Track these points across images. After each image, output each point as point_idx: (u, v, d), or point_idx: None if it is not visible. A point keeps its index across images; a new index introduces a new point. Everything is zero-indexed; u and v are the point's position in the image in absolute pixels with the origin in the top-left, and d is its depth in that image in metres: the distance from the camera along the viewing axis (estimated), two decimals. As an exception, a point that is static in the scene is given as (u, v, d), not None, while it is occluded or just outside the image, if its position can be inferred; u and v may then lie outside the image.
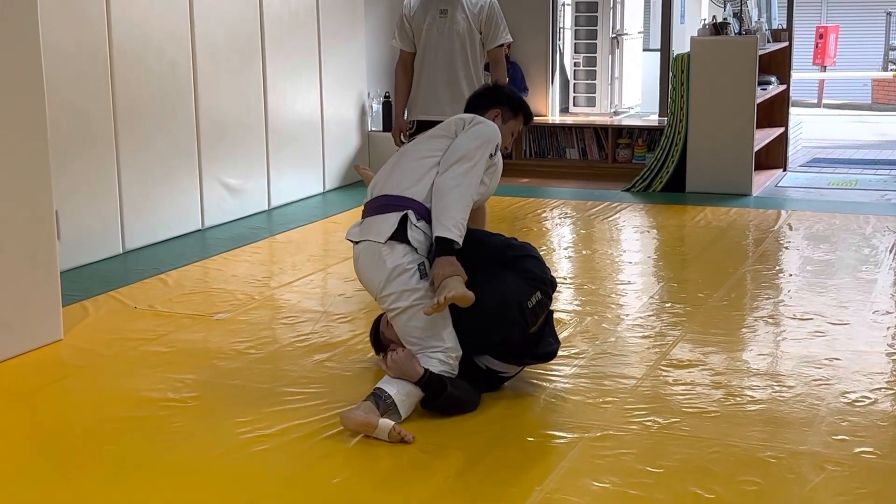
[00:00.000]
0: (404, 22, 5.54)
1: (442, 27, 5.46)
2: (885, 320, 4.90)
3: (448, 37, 5.44)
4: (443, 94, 5.49)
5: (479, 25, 5.46)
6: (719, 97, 8.02)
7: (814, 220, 7.12)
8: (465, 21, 5.45)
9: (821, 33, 15.73)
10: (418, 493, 3.20)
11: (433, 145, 3.95)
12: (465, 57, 5.46)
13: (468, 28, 5.45)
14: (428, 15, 5.46)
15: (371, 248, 3.81)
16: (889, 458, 3.41)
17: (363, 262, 3.85)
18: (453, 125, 3.98)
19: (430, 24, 5.45)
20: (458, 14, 5.44)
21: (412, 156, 3.96)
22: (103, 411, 3.92)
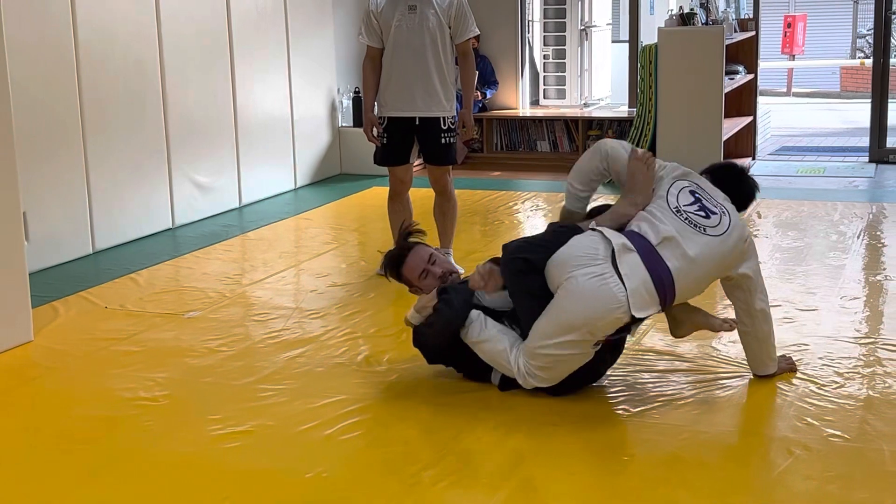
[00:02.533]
0: (371, 18, 5.45)
1: (411, 23, 5.36)
2: (853, 306, 4.95)
3: (418, 33, 5.36)
4: (415, 90, 5.41)
5: (449, 20, 5.39)
6: (687, 87, 8.06)
7: (782, 208, 7.17)
8: (435, 16, 5.37)
9: (789, 22, 15.81)
10: (391, 486, 3.21)
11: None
12: (435, 52, 5.39)
13: (438, 23, 5.37)
14: (397, 11, 5.37)
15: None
16: (856, 440, 3.45)
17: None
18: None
19: (400, 21, 5.36)
20: (427, 10, 5.36)
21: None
22: (75, 411, 3.91)
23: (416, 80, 5.39)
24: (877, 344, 4.38)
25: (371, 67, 5.54)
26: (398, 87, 5.43)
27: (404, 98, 5.42)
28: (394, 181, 5.65)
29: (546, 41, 10.52)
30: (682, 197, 3.75)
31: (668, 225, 3.63)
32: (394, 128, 5.50)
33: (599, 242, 3.62)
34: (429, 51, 5.37)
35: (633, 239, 3.63)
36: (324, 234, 6.91)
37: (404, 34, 5.37)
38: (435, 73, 5.40)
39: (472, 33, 5.48)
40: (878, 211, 7.02)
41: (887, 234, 6.44)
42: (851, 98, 14.83)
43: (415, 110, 5.45)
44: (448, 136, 5.50)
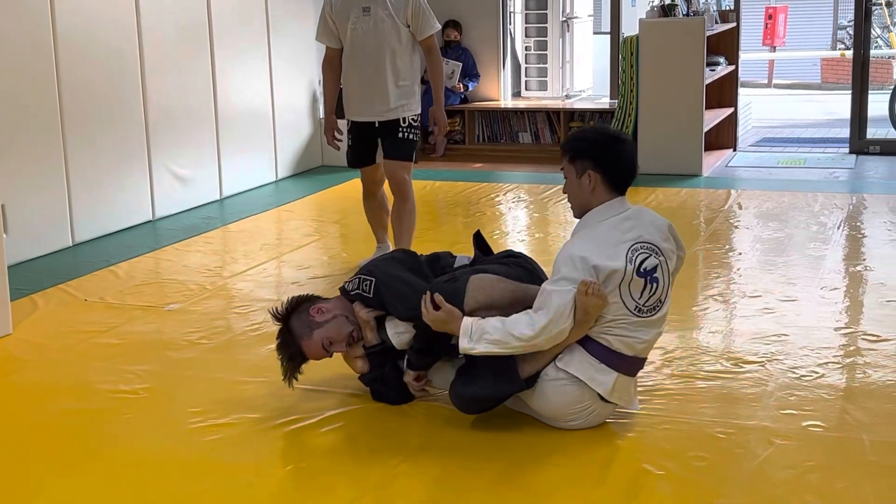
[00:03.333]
0: (327, 19, 5.28)
1: (366, 26, 5.19)
2: (833, 296, 4.97)
3: (372, 35, 5.19)
4: (372, 95, 5.26)
5: (406, 19, 5.20)
6: (668, 79, 8.06)
7: (763, 199, 7.19)
8: (390, 17, 5.17)
9: (770, 14, 15.83)
10: (372, 478, 3.21)
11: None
12: (392, 55, 5.21)
13: (393, 24, 5.18)
14: (351, 14, 5.19)
15: None
16: (836, 430, 3.47)
17: None
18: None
19: (354, 24, 5.19)
20: (381, 11, 5.16)
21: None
22: (54, 404, 3.89)
23: (373, 85, 5.25)
24: (856, 334, 4.40)
25: (330, 69, 5.41)
26: (356, 91, 5.32)
27: (363, 102, 5.31)
28: (365, 181, 5.58)
29: (528, 33, 10.51)
30: (634, 289, 3.34)
31: (638, 332, 3.38)
32: (358, 131, 5.42)
33: (584, 388, 3.37)
34: (385, 54, 5.20)
35: (609, 360, 3.37)
36: (305, 226, 6.90)
37: (359, 37, 5.21)
38: (391, 76, 5.23)
39: (432, 29, 5.30)
40: (858, 202, 7.05)
41: (867, 225, 6.46)
42: (832, 89, 14.88)
43: (373, 115, 5.32)
44: (407, 132, 5.35)
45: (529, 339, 3.26)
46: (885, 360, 4.07)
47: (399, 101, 5.29)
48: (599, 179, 3.45)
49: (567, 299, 3.25)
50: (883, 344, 4.25)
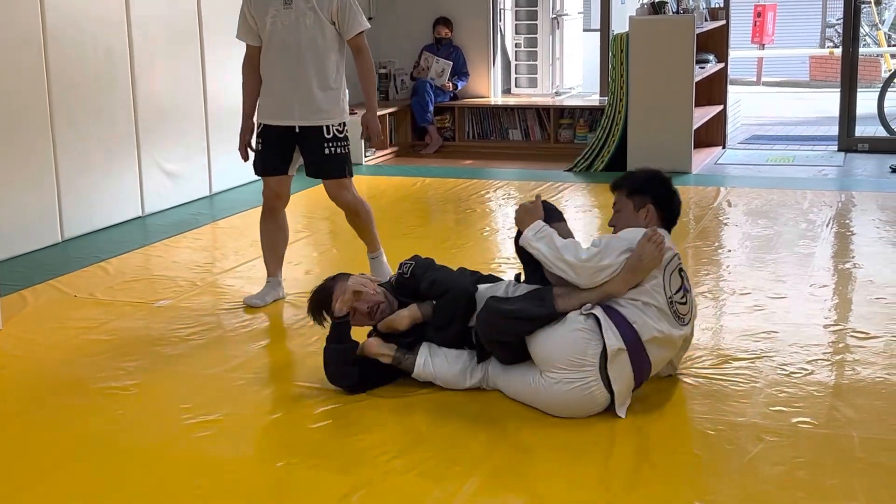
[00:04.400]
0: (246, 13, 4.80)
1: (287, 20, 4.69)
2: (822, 293, 4.99)
3: (293, 31, 4.70)
4: (292, 97, 4.75)
5: (331, 16, 4.71)
6: (658, 76, 8.07)
7: (752, 197, 7.21)
8: (313, 12, 4.68)
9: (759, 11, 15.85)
10: (363, 474, 3.21)
11: None
12: (315, 53, 4.73)
13: (316, 20, 4.69)
14: (270, 7, 4.71)
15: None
16: (825, 427, 3.48)
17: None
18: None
19: (274, 17, 4.71)
20: (303, 4, 4.69)
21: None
22: (44, 400, 3.89)
23: (293, 86, 4.74)
24: (845, 331, 4.42)
25: (250, 68, 4.88)
26: (274, 92, 4.80)
27: (280, 105, 4.78)
28: (267, 193, 4.96)
29: (518, 30, 10.52)
30: (674, 282, 3.63)
31: (660, 323, 3.55)
32: (271, 135, 4.85)
33: (590, 342, 3.47)
34: (307, 52, 4.72)
35: (625, 332, 3.49)
36: (295, 222, 6.86)
37: (279, 32, 4.72)
38: (315, 77, 4.73)
39: (360, 27, 4.79)
40: (846, 199, 7.07)
41: (856, 223, 6.49)
42: (821, 87, 14.91)
43: (291, 119, 4.78)
44: (334, 146, 4.82)
45: (579, 261, 3.54)
46: (873, 357, 4.09)
47: (323, 106, 4.76)
48: (655, 214, 3.79)
49: (621, 248, 3.56)
50: (872, 341, 4.27)
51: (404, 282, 3.93)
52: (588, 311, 3.52)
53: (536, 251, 3.64)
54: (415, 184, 7.96)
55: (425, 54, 9.65)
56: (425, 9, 9.77)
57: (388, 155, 9.27)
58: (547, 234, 3.63)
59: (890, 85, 10.09)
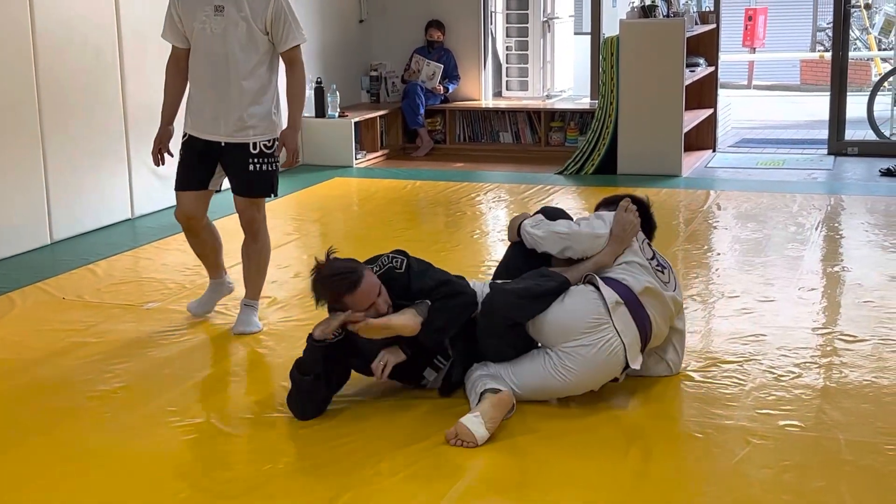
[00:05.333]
0: (173, 12, 4.46)
1: (216, 27, 4.35)
2: (811, 297, 5.00)
3: (222, 39, 4.35)
4: (217, 110, 4.42)
5: (265, 25, 4.37)
6: (649, 79, 8.08)
7: (742, 200, 7.22)
8: (245, 21, 4.34)
9: (750, 15, 15.88)
10: (351, 477, 3.21)
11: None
12: (245, 65, 4.37)
13: (249, 30, 4.35)
14: (200, 11, 4.37)
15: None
16: (812, 430, 3.49)
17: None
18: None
19: (203, 23, 4.37)
20: (236, 12, 4.34)
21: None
22: (32, 403, 3.88)
23: (220, 99, 4.40)
24: (833, 334, 4.43)
25: (174, 71, 4.56)
26: (199, 103, 4.47)
27: (206, 118, 4.45)
28: (179, 214, 4.64)
29: (509, 33, 10.52)
30: (646, 250, 3.89)
31: (646, 276, 3.75)
32: (193, 146, 4.54)
33: (597, 302, 3.62)
34: (236, 63, 4.37)
35: (619, 289, 3.67)
36: (285, 224, 6.88)
37: (207, 39, 4.38)
38: (244, 90, 4.39)
39: (297, 40, 4.46)
40: (836, 203, 7.09)
41: (845, 226, 6.50)
42: (811, 91, 14.94)
43: (216, 134, 4.45)
44: (259, 163, 4.50)
45: (576, 231, 3.81)
46: (861, 361, 4.10)
47: (251, 122, 4.43)
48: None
49: (601, 222, 3.84)
50: (859, 344, 4.28)
51: (395, 276, 3.72)
52: (590, 282, 3.72)
53: (535, 236, 3.86)
54: (405, 186, 7.96)
55: (416, 57, 9.66)
56: (417, 11, 9.77)
57: (379, 157, 9.27)
58: (539, 219, 3.91)
59: (880, 89, 10.12)
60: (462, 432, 3.38)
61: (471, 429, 3.38)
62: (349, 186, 8.16)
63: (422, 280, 3.71)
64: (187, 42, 4.48)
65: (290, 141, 4.53)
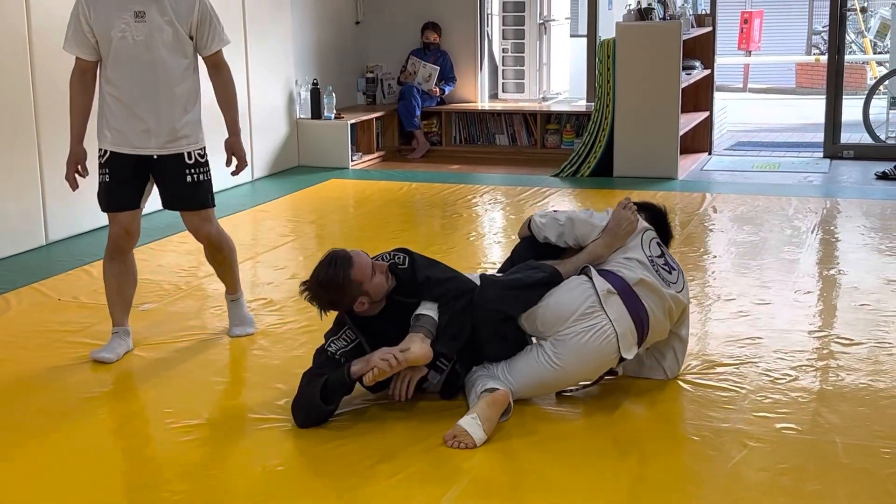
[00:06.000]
0: (81, 22, 4.16)
1: (139, 35, 4.10)
2: (807, 300, 5.00)
3: (147, 48, 4.11)
4: (147, 121, 4.17)
5: (190, 29, 4.18)
6: (645, 82, 8.09)
7: (738, 203, 7.23)
8: (171, 26, 4.13)
9: (745, 18, 15.91)
10: (346, 479, 3.21)
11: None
12: (174, 72, 4.18)
13: (175, 35, 4.15)
14: (118, 19, 4.10)
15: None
16: (809, 433, 3.49)
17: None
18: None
19: (123, 31, 4.09)
20: (159, 17, 4.12)
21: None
22: (27, 405, 3.87)
23: (149, 109, 4.17)
24: (830, 337, 4.43)
25: (81, 87, 4.27)
26: (125, 117, 4.19)
27: (134, 131, 4.19)
28: (116, 231, 4.34)
29: (505, 35, 10.52)
30: (653, 248, 3.89)
31: (643, 272, 3.74)
32: (121, 164, 4.26)
33: (590, 290, 3.65)
34: (164, 70, 4.16)
35: (612, 280, 3.69)
36: (281, 226, 6.88)
37: (129, 48, 4.11)
38: (174, 98, 4.21)
39: (222, 43, 4.30)
40: (831, 206, 7.10)
41: (841, 229, 6.51)
42: (806, 94, 14.97)
43: (148, 147, 4.21)
44: (197, 173, 4.33)
45: (577, 219, 3.90)
46: (857, 364, 4.10)
47: (185, 131, 4.26)
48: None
49: (603, 215, 3.91)
50: (856, 347, 4.29)
51: (398, 271, 3.70)
52: (583, 273, 3.76)
53: (538, 224, 3.95)
54: (401, 188, 7.96)
55: (412, 59, 9.66)
56: (413, 13, 9.77)
57: (375, 159, 9.27)
58: (548, 212, 4.02)
59: (875, 92, 10.14)
60: (460, 434, 3.39)
61: (468, 430, 3.38)
62: (345, 188, 8.15)
63: (429, 270, 3.70)
64: (97, 53, 4.20)
65: (237, 148, 4.43)
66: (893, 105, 9.88)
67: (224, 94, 4.38)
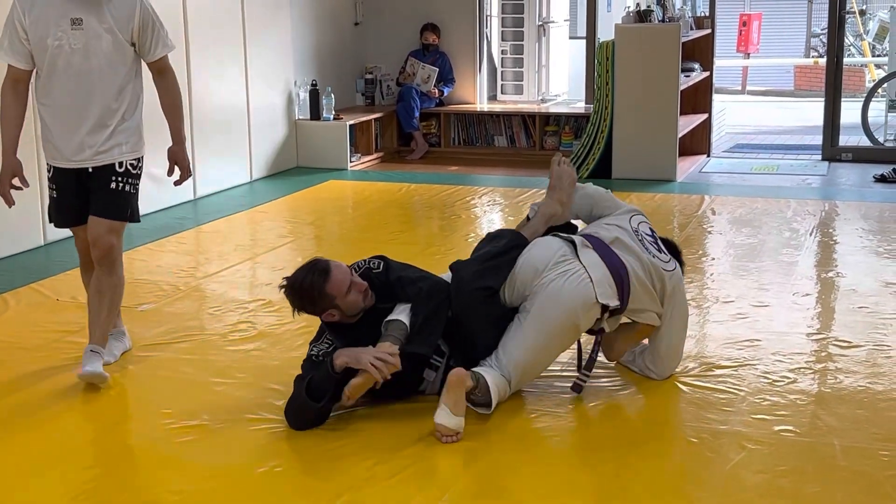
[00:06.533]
0: (17, 28, 3.93)
1: (76, 43, 3.89)
2: (805, 302, 5.01)
3: (85, 56, 3.91)
4: (83, 133, 3.97)
5: (131, 36, 3.99)
6: (644, 84, 8.09)
7: (736, 205, 7.23)
8: (111, 34, 3.94)
9: (744, 21, 15.93)
10: (345, 481, 3.21)
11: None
12: (112, 82, 3.98)
13: (115, 43, 3.95)
14: (54, 26, 3.90)
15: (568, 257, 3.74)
16: (807, 435, 3.49)
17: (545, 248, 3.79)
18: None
19: (60, 39, 3.90)
20: (98, 24, 3.92)
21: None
22: (25, 404, 3.86)
23: (84, 120, 3.97)
24: (828, 340, 4.43)
25: (14, 95, 4.03)
26: (60, 129, 4.00)
27: (71, 145, 3.99)
28: (79, 246, 4.24)
29: (504, 36, 10.53)
30: (641, 226, 3.96)
31: (619, 232, 3.84)
32: (62, 178, 4.10)
33: (564, 244, 3.77)
34: (102, 80, 3.96)
35: (588, 238, 3.79)
36: (279, 227, 6.88)
37: (65, 57, 3.91)
38: (112, 109, 4.01)
39: (167, 48, 4.13)
40: (830, 208, 7.10)
41: (839, 232, 6.51)
42: (805, 96, 14.97)
43: (83, 159, 4.02)
44: (123, 181, 4.08)
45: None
46: (856, 366, 4.10)
47: (120, 140, 4.05)
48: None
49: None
50: (854, 350, 4.29)
51: (373, 276, 3.75)
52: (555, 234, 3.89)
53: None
54: (400, 189, 7.96)
55: (411, 60, 9.66)
56: (412, 15, 9.77)
57: (374, 160, 9.27)
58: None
59: (874, 95, 10.15)
60: (441, 430, 3.43)
61: (444, 423, 3.42)
62: (344, 189, 8.15)
63: (403, 272, 3.79)
64: (31, 63, 3.99)
65: (181, 157, 4.26)
66: (892, 108, 9.89)
67: (169, 101, 4.20)
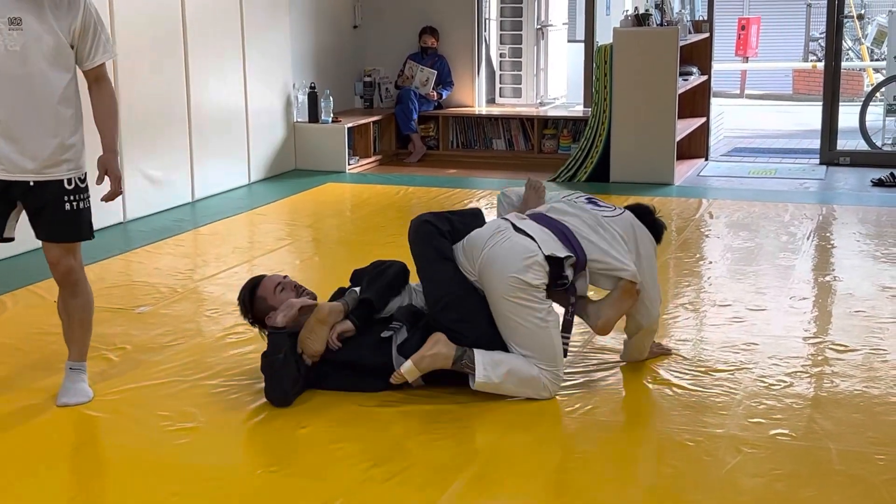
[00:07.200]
0: None
1: (14, 44, 3.61)
2: (802, 306, 5.01)
3: (24, 59, 3.63)
4: (22, 143, 3.67)
5: (72, 38, 3.70)
6: (642, 88, 8.10)
7: (734, 209, 7.24)
8: (52, 35, 3.65)
9: (743, 25, 15.95)
10: (342, 483, 3.21)
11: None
12: (56, 87, 3.69)
13: (57, 45, 3.67)
14: None
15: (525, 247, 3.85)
16: (803, 439, 3.49)
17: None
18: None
19: None
20: (38, 25, 3.63)
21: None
22: (21, 406, 3.86)
23: (27, 129, 3.67)
24: (825, 344, 4.43)
25: None
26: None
27: (7, 154, 3.68)
28: None
29: (502, 40, 10.54)
30: (578, 199, 4.16)
31: (554, 203, 4.13)
32: (4, 192, 3.76)
33: (500, 220, 4.05)
34: (49, 84, 3.68)
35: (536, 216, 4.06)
36: (278, 229, 6.88)
37: (2, 60, 3.62)
38: (61, 117, 3.72)
39: (106, 56, 3.81)
40: (827, 212, 7.11)
41: (836, 236, 6.52)
42: (803, 100, 14.99)
43: (23, 172, 3.70)
44: (77, 200, 3.82)
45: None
46: (852, 370, 4.11)
47: (66, 154, 3.76)
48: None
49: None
50: (851, 354, 4.29)
51: (358, 273, 4.17)
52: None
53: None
54: (398, 192, 7.96)
55: (410, 63, 9.66)
56: (411, 18, 9.78)
57: (372, 163, 9.28)
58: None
59: (872, 99, 10.16)
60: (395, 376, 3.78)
61: (402, 370, 3.75)
62: (342, 192, 8.16)
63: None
64: None
65: (112, 167, 3.90)
66: (890, 112, 9.90)
67: (106, 110, 3.89)
